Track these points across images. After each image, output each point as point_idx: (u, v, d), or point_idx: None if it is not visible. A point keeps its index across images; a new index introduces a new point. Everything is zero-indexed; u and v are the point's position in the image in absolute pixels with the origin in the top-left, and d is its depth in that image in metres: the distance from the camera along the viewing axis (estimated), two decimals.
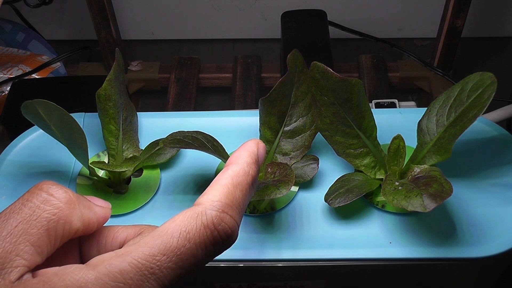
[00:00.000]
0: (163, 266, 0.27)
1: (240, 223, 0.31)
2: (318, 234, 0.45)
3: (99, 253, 0.31)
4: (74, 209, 0.30)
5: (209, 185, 0.31)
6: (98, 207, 0.32)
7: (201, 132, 0.44)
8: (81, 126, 0.44)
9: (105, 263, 0.27)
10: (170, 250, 0.28)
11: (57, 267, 0.28)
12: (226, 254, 0.43)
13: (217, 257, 0.43)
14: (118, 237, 0.32)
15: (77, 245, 0.32)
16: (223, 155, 0.44)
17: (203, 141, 0.43)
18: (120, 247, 0.31)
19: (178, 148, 0.49)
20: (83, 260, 0.32)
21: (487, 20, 1.08)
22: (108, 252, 0.30)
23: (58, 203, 0.29)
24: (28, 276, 0.27)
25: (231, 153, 0.48)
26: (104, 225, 0.33)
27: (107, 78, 0.47)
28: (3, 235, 0.28)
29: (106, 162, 0.49)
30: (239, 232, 0.31)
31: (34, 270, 0.28)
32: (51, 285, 0.27)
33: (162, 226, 0.29)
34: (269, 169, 0.46)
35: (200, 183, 0.48)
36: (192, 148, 0.42)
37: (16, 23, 1.01)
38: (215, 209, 0.29)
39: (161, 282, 0.27)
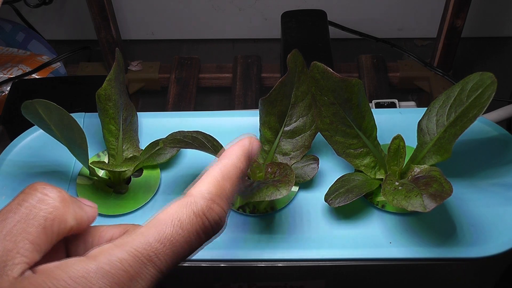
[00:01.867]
0: (159, 253, 0.29)
1: (229, 213, 0.33)
2: (318, 234, 0.45)
3: (85, 252, 0.32)
4: (68, 208, 0.31)
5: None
6: (87, 206, 0.33)
7: (201, 132, 0.44)
8: (81, 126, 0.44)
9: (105, 253, 0.29)
10: (165, 238, 0.29)
11: (57, 261, 0.29)
12: (226, 254, 0.44)
13: (217, 257, 0.43)
14: (104, 236, 0.33)
15: (63, 245, 0.33)
16: None
17: (203, 141, 0.43)
18: None
19: (178, 148, 0.49)
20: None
21: (487, 20, 1.08)
22: None
23: (54, 202, 0.31)
24: (29, 272, 0.28)
25: None
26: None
27: (107, 78, 0.47)
28: (3, 234, 0.29)
29: (106, 162, 0.49)
30: (239, 232, 0.31)
31: (33, 267, 0.29)
32: (55, 277, 0.28)
33: (156, 217, 0.31)
34: (269, 169, 0.46)
35: None
36: (192, 148, 0.42)
37: (16, 23, 1.01)
38: (204, 198, 0.31)
39: (159, 268, 0.29)
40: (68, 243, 0.33)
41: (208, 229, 0.31)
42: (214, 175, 0.33)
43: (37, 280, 0.28)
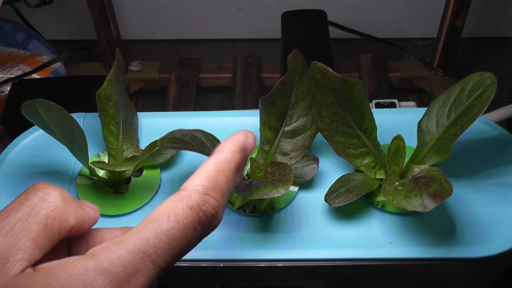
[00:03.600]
0: (157, 248, 0.29)
1: (225, 206, 0.33)
2: (318, 234, 0.45)
3: None
4: (69, 207, 0.31)
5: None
6: (89, 208, 0.34)
7: (201, 130, 0.44)
8: (81, 126, 0.44)
9: (103, 251, 0.29)
10: (161, 233, 0.30)
11: (57, 260, 0.29)
12: (226, 254, 0.44)
13: (217, 257, 0.43)
14: (106, 239, 0.34)
15: (66, 247, 0.34)
16: None
17: (203, 140, 0.43)
18: None
19: (175, 149, 0.48)
20: None
21: (487, 20, 1.08)
22: None
23: (55, 201, 0.31)
24: (29, 269, 0.29)
25: None
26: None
27: (107, 78, 0.47)
28: (4, 231, 0.29)
29: (106, 162, 0.49)
30: (237, 230, 0.32)
31: (34, 265, 0.29)
32: (55, 275, 0.28)
33: (152, 213, 0.31)
34: (268, 169, 0.46)
35: None
36: (190, 149, 0.42)
37: (16, 23, 1.01)
38: (198, 192, 0.31)
39: (157, 263, 0.29)
40: (70, 245, 0.34)
41: (204, 222, 0.31)
42: (208, 169, 0.33)
43: (37, 277, 0.28)
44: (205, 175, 0.33)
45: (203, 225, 0.31)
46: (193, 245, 0.31)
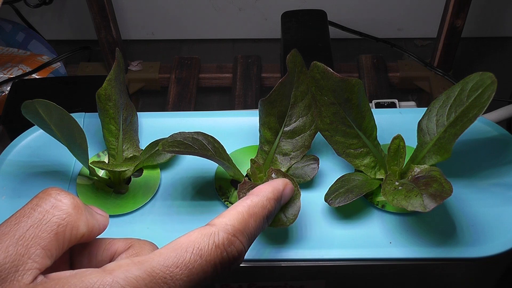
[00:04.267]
0: (175, 278, 0.29)
1: (248, 250, 0.33)
2: (318, 234, 0.45)
3: (90, 263, 0.33)
4: (81, 215, 0.31)
5: (222, 209, 0.34)
6: (98, 215, 0.33)
7: (202, 133, 0.44)
8: (81, 126, 0.44)
9: (122, 269, 0.29)
10: (183, 264, 0.29)
11: (71, 271, 0.29)
12: None
13: None
14: (109, 249, 0.33)
15: (68, 254, 0.33)
16: (223, 157, 0.44)
17: (204, 143, 0.43)
18: (111, 259, 0.33)
19: (177, 153, 0.48)
20: (73, 268, 0.33)
21: (487, 20, 1.08)
22: (99, 262, 0.32)
23: (67, 209, 0.31)
24: (41, 278, 0.28)
25: (230, 154, 0.49)
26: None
27: (107, 78, 0.47)
28: (15, 238, 0.29)
29: (106, 162, 0.49)
30: None
31: (44, 273, 0.29)
32: (70, 285, 0.28)
33: (178, 240, 0.31)
34: (273, 174, 0.45)
35: (200, 183, 0.48)
36: (191, 154, 0.42)
37: (16, 23, 1.01)
38: (227, 231, 0.31)
39: None
40: (72, 253, 0.33)
41: (225, 262, 0.31)
42: (240, 211, 0.33)
43: (51, 286, 0.28)
44: (237, 216, 0.33)
45: (223, 265, 0.31)
46: (210, 281, 0.31)
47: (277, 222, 0.41)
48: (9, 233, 0.29)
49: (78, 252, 0.33)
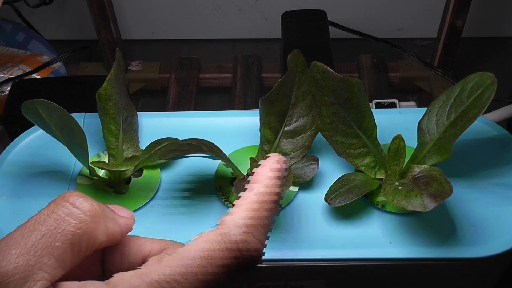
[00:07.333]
0: None
1: (266, 244, 0.30)
2: (318, 234, 0.45)
3: (122, 263, 0.31)
4: (99, 223, 0.29)
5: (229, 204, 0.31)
6: (122, 218, 0.32)
7: (195, 138, 0.44)
8: (81, 126, 0.44)
9: (125, 283, 0.27)
10: (191, 273, 0.27)
11: (78, 283, 0.28)
12: None
13: None
14: (142, 250, 0.32)
15: (100, 252, 0.32)
16: (221, 156, 0.44)
17: (198, 146, 0.43)
18: (143, 260, 0.31)
19: (174, 158, 0.48)
20: (105, 267, 0.32)
21: (487, 20, 1.08)
22: (131, 263, 0.30)
23: (84, 217, 0.29)
24: None
25: (230, 154, 0.49)
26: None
27: (107, 78, 0.47)
28: (27, 248, 0.27)
29: (106, 162, 0.49)
30: None
31: (55, 283, 0.28)
32: None
33: (184, 247, 0.28)
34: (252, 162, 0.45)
35: (201, 182, 0.48)
36: (189, 155, 0.42)
37: (16, 23, 1.01)
38: (239, 230, 0.28)
39: None
40: (105, 252, 0.32)
41: (241, 265, 0.28)
42: (250, 203, 0.30)
43: None
44: (247, 210, 0.29)
45: (240, 269, 0.28)
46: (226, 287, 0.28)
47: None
48: (21, 242, 0.28)
49: (111, 251, 0.32)
